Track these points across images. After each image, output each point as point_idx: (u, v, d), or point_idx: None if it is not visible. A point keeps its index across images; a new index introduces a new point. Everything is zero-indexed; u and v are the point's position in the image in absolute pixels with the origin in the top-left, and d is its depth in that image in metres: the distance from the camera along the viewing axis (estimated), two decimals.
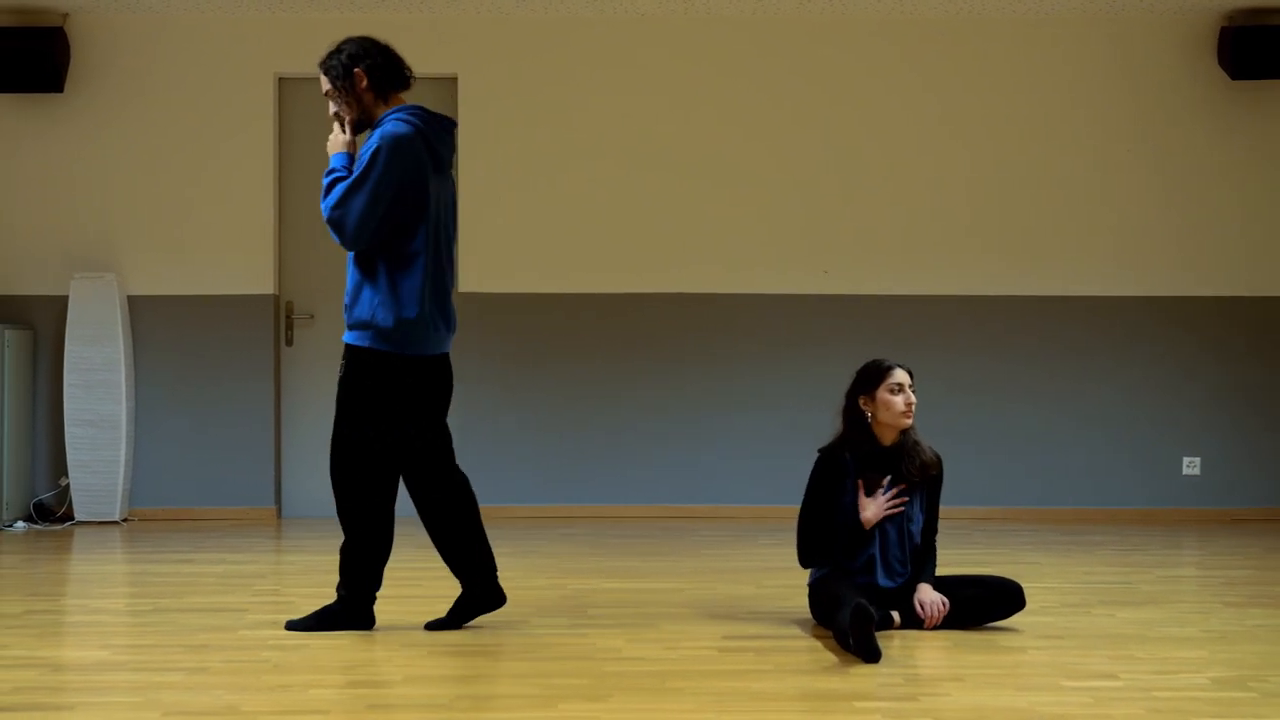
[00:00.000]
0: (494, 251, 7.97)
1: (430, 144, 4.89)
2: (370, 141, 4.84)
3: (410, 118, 4.88)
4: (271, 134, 7.97)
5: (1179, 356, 8.10)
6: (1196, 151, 8.07)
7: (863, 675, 4.35)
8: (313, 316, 8.03)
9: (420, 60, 7.87)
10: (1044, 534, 7.48)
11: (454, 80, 8.00)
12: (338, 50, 4.97)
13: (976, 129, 8.06)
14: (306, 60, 7.82)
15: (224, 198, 7.93)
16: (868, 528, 4.99)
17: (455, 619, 5.02)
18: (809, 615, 5.16)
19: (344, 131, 4.94)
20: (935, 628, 4.97)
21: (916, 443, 5.11)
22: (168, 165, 7.92)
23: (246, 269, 7.94)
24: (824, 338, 8.02)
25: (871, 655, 4.47)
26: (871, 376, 5.04)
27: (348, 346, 4.90)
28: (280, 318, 8.02)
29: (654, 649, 4.70)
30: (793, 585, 5.77)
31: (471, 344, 7.96)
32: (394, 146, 4.78)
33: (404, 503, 5.09)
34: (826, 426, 7.77)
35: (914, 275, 8.04)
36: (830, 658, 4.58)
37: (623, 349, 8.01)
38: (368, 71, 4.91)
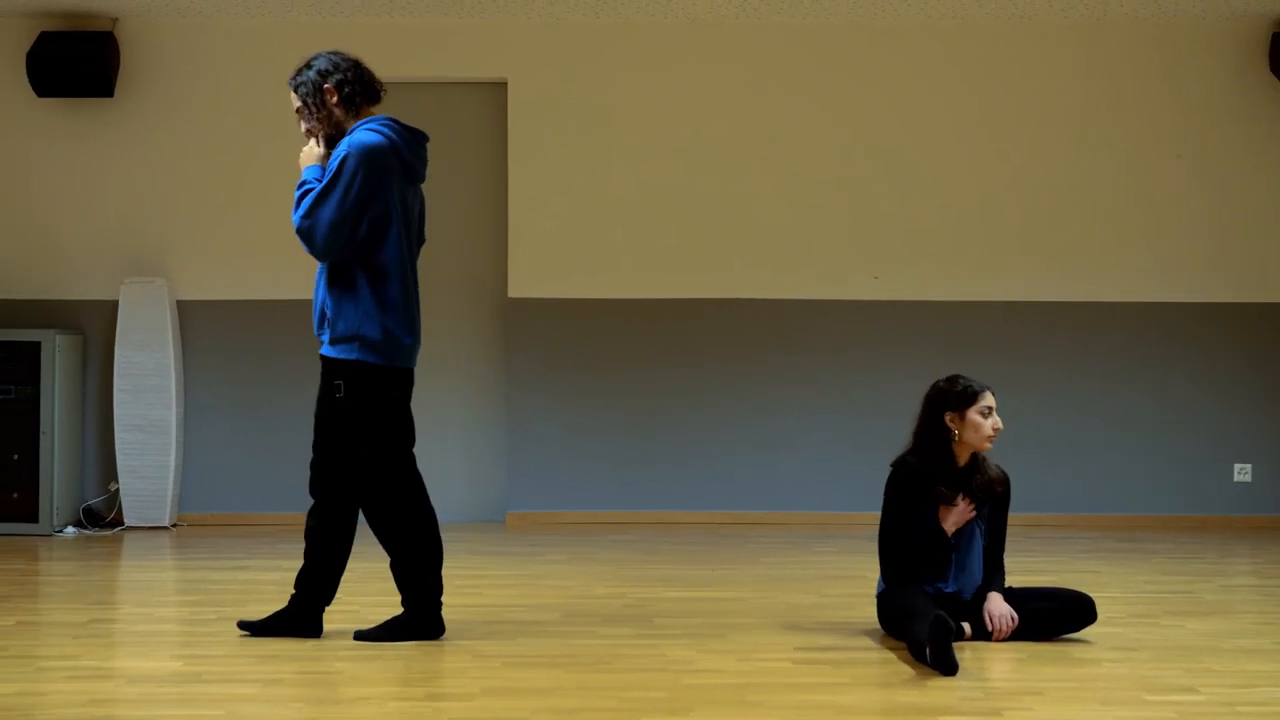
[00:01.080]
0: (544, 257, 7.95)
1: (402, 155, 4.87)
2: (338, 150, 4.79)
3: (381, 128, 4.84)
4: None
5: (1229, 363, 8.05)
6: (1247, 158, 8.02)
7: (942, 688, 4.32)
8: None
9: (470, 65, 7.97)
10: (1097, 541, 7.43)
11: (504, 85, 7.99)
12: (307, 66, 4.90)
13: (1024, 134, 8.02)
14: None
15: (274, 202, 7.88)
16: (949, 536, 4.97)
17: (388, 635, 4.93)
18: (877, 625, 5.14)
19: (318, 145, 4.91)
20: (1004, 640, 4.94)
21: (984, 460, 5.09)
22: (217, 169, 7.92)
23: (296, 273, 7.88)
24: (874, 344, 7.99)
25: (949, 668, 4.44)
26: (964, 396, 4.97)
27: (334, 362, 4.81)
28: None
29: (727, 660, 4.67)
30: (856, 594, 5.76)
31: (522, 350, 7.95)
32: (363, 155, 4.74)
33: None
34: (878, 432, 7.81)
35: (964, 281, 8.00)
36: (906, 670, 4.55)
37: (673, 354, 7.99)
38: (338, 87, 4.86)
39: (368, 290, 4.79)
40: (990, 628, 4.94)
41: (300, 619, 4.95)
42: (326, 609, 5.00)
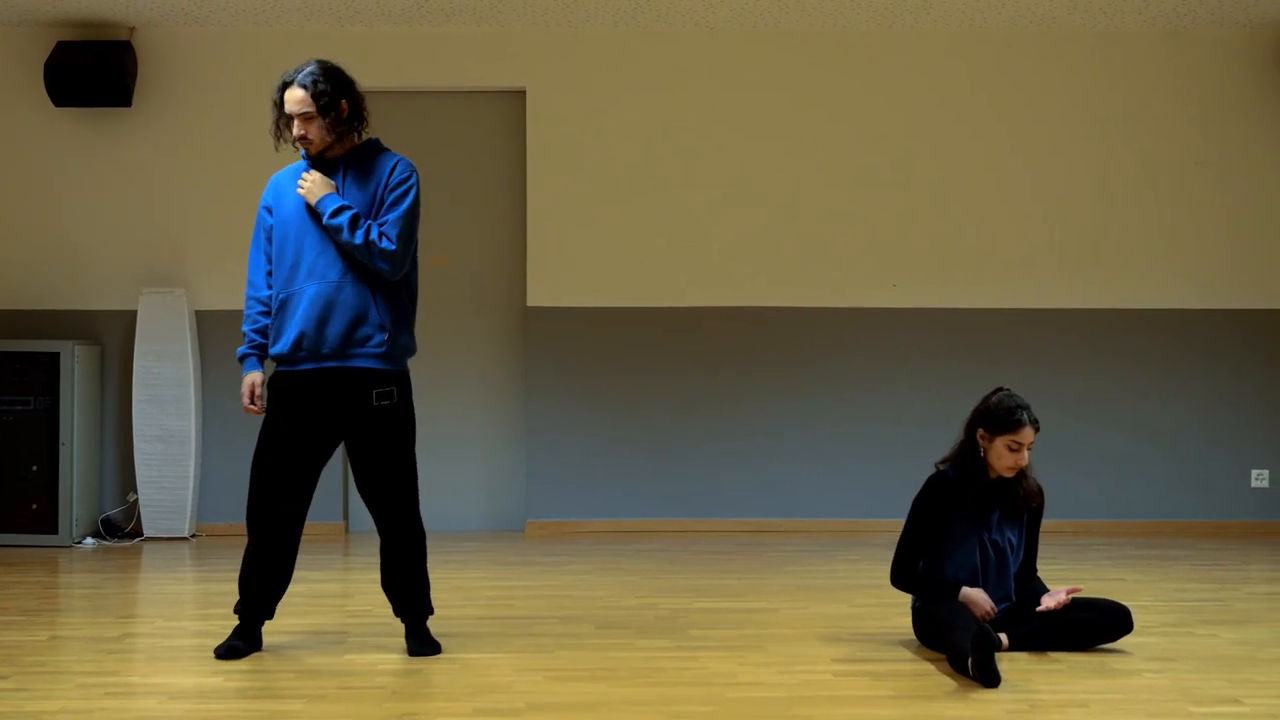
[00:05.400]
0: (562, 265, 7.94)
1: None
2: (401, 169, 4.89)
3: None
4: None
5: (1245, 368, 8.06)
6: (1262, 164, 8.04)
7: (986, 701, 4.32)
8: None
9: (489, 74, 7.97)
10: (1119, 548, 7.45)
11: (522, 94, 7.98)
12: (325, 76, 4.85)
13: (1040, 142, 8.03)
14: (377, 74, 7.87)
15: None
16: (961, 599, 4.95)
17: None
18: (912, 636, 5.14)
19: (309, 163, 4.95)
20: (1044, 649, 4.94)
21: (1023, 473, 5.06)
22: (236, 179, 7.88)
23: None
24: (892, 351, 8.00)
25: (992, 680, 4.44)
26: (1000, 422, 4.94)
27: (384, 374, 4.86)
28: None
29: (769, 673, 4.67)
30: (884, 604, 5.76)
31: (540, 358, 7.94)
32: (418, 177, 4.95)
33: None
34: (896, 439, 7.84)
35: (981, 288, 8.01)
36: (948, 682, 4.55)
37: (691, 362, 7.98)
38: (350, 104, 4.89)
39: (409, 304, 4.95)
40: (1045, 604, 4.93)
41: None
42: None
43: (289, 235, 4.85)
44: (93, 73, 7.60)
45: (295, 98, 4.82)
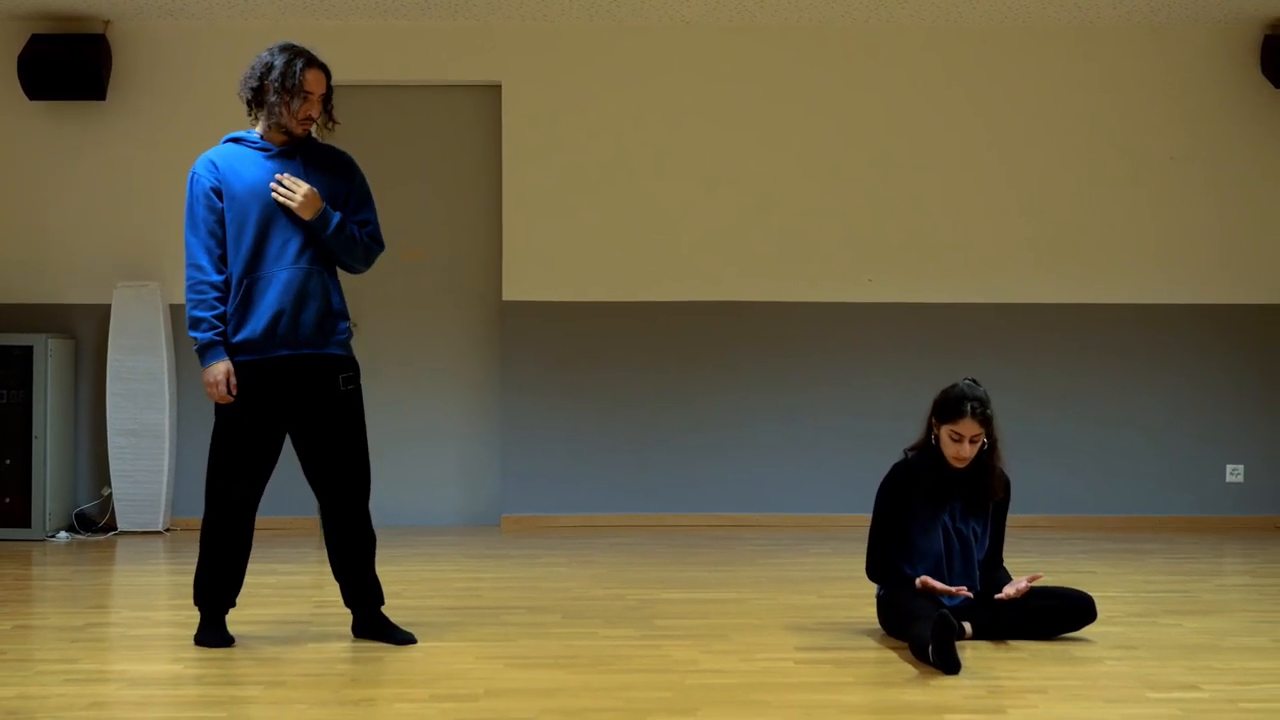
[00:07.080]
0: (538, 259, 7.94)
1: None
2: (357, 166, 4.97)
3: None
4: None
5: (1222, 363, 8.07)
6: (1240, 160, 8.05)
7: (945, 687, 4.32)
8: (356, 324, 8.00)
9: (464, 68, 7.97)
10: (1093, 541, 7.45)
11: (498, 88, 7.98)
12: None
13: (1020, 138, 8.03)
14: (352, 68, 7.88)
15: None
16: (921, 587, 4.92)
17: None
18: (877, 626, 5.14)
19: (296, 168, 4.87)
20: (1005, 638, 4.94)
21: (989, 466, 5.05)
22: None
23: None
24: (868, 346, 8.00)
25: (952, 667, 4.44)
26: (946, 411, 4.94)
27: (348, 360, 4.92)
28: None
29: (730, 661, 4.67)
30: (855, 595, 5.75)
31: (516, 353, 7.94)
32: None
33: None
34: (872, 434, 7.82)
35: (957, 283, 8.01)
36: (909, 669, 4.55)
37: (667, 357, 7.98)
38: None
39: None
40: (1005, 593, 4.90)
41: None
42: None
43: (248, 219, 4.79)
44: (67, 66, 7.60)
45: (321, 79, 4.83)
